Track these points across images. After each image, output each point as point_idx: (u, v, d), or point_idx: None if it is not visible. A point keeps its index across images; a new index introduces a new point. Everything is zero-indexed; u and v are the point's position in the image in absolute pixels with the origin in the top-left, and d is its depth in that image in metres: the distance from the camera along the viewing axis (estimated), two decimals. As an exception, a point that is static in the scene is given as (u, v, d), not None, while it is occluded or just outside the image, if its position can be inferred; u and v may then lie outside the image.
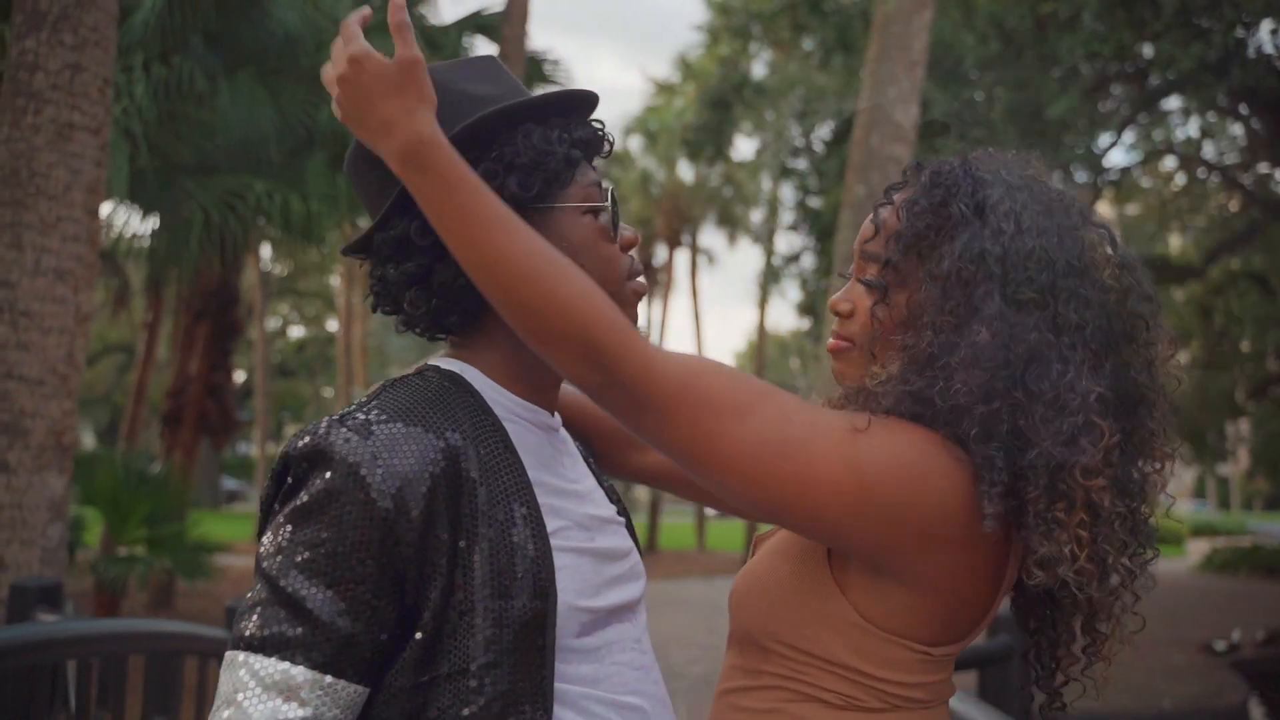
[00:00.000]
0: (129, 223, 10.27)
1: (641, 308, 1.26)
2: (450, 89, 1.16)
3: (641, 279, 1.25)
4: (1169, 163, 16.60)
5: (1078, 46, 11.03)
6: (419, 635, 1.04)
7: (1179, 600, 15.87)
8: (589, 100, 1.23)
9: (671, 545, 26.54)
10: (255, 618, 1.01)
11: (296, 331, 39.77)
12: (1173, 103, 13.92)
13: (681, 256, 32.13)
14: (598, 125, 1.23)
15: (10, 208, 4.50)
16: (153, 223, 9.99)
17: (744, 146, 64.33)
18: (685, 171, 31.16)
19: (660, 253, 32.10)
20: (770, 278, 25.77)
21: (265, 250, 22.28)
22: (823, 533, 1.12)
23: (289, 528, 1.03)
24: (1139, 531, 1.14)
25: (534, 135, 1.16)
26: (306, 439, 1.06)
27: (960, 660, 1.21)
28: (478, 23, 11.33)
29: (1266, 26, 11.21)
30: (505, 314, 1.07)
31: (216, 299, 12.93)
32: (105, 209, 9.90)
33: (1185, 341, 20.13)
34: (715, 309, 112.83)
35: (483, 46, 11.87)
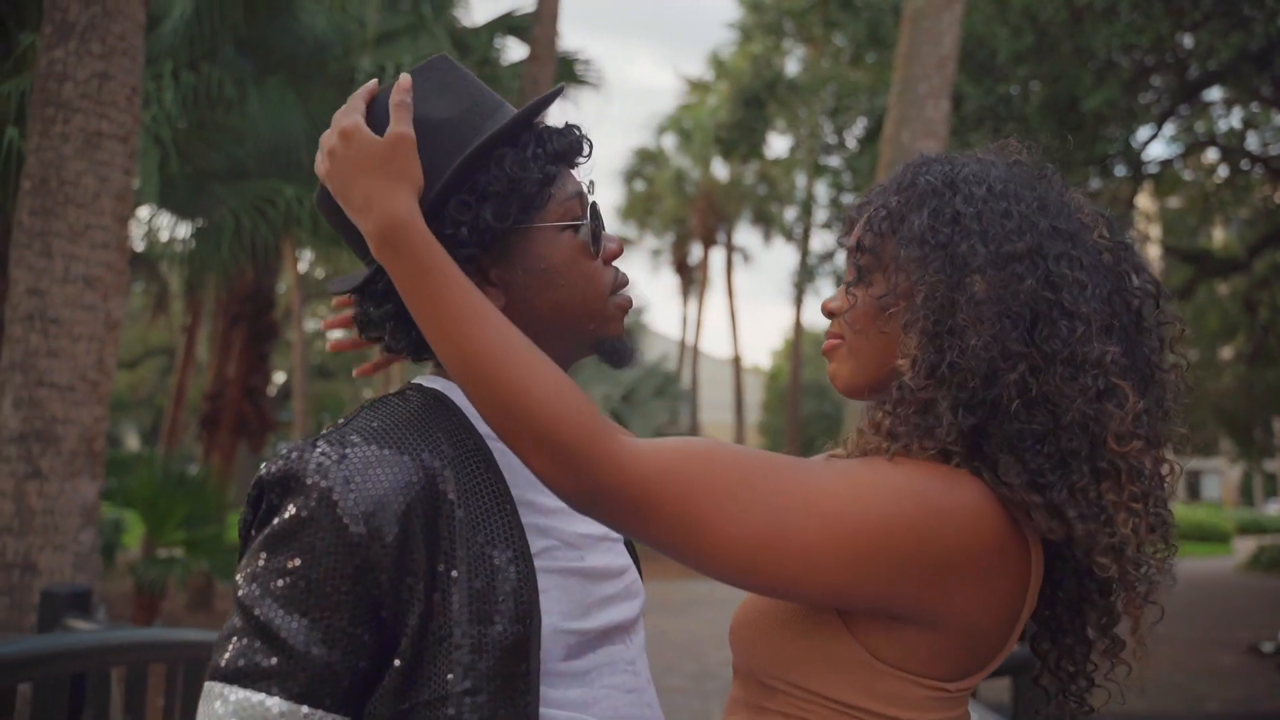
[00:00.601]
0: (166, 227, 10.39)
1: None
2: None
3: (626, 292, 1.21)
4: (1211, 155, 16.30)
5: (1114, 38, 10.84)
6: (398, 662, 1.02)
7: (1225, 600, 15.61)
8: (553, 99, 1.19)
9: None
10: (231, 648, 0.99)
11: (335, 333, 40.13)
12: (1214, 94, 13.66)
13: (717, 255, 32.19)
14: (575, 129, 1.19)
15: (40, 216, 4.55)
16: (187, 228, 10.10)
17: (778, 144, 64.07)
18: (719, 170, 31.15)
19: (695, 251, 32.11)
20: (805, 276, 25.65)
21: (303, 253, 22.48)
22: (829, 602, 1.06)
23: (263, 555, 1.01)
24: (1160, 525, 1.08)
25: (507, 160, 1.12)
26: (279, 464, 1.04)
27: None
28: (509, 24, 11.34)
29: (1309, 15, 10.96)
30: (475, 407, 1.04)
31: (252, 303, 13.07)
32: (143, 214, 10.04)
33: (1230, 336, 19.77)
34: (751, 307, 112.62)
35: (514, 47, 11.94)
